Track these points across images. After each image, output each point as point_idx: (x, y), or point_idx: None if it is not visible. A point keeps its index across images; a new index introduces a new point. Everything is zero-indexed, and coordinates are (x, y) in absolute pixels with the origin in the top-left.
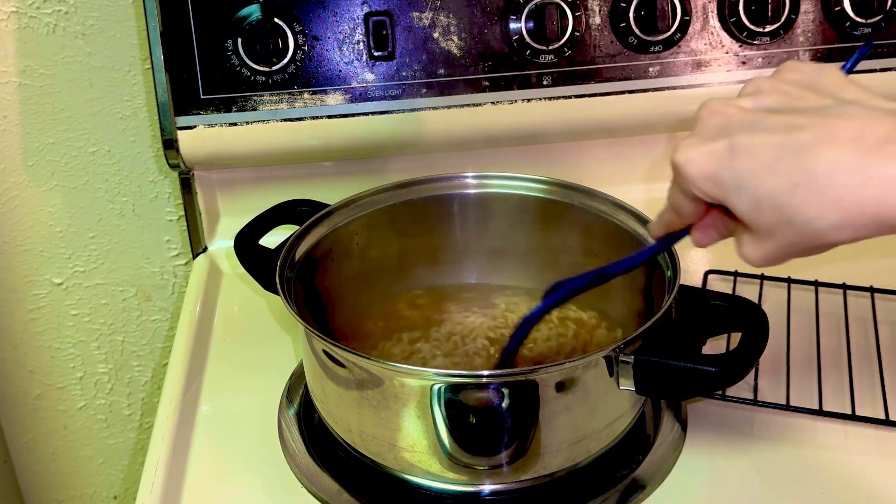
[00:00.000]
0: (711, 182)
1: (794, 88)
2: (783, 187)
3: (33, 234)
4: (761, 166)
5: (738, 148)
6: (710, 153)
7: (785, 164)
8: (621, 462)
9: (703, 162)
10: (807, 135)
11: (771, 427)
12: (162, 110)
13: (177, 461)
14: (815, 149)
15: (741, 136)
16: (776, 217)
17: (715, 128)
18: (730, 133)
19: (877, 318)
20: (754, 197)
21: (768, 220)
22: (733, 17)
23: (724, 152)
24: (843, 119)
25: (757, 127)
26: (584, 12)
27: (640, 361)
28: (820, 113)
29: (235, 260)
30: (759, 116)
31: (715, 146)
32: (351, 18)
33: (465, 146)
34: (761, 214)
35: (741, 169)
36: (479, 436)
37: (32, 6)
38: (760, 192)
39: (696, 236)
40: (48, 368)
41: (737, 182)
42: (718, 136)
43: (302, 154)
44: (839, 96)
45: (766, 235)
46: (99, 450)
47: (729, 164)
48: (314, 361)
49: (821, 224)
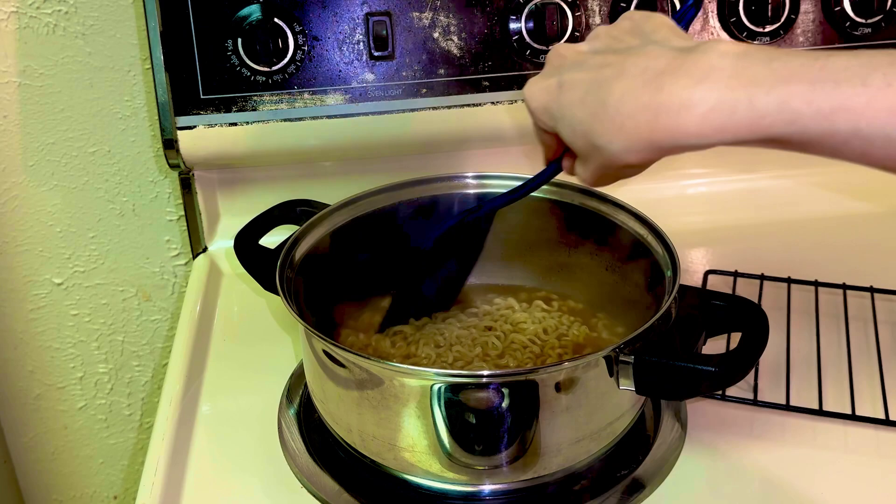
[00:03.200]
0: (546, 114)
1: (621, 33)
2: (588, 117)
3: (33, 234)
4: (576, 98)
5: (563, 84)
6: (545, 88)
7: (591, 97)
8: (621, 462)
9: (540, 95)
10: (609, 71)
11: (771, 427)
12: (162, 110)
13: (177, 461)
14: (611, 82)
15: (568, 74)
16: (585, 143)
17: (553, 67)
18: (562, 71)
19: (877, 318)
20: (570, 124)
21: (581, 145)
22: (733, 17)
23: (555, 87)
24: (637, 56)
25: (581, 66)
26: (584, 12)
27: (640, 361)
28: (625, 52)
29: (235, 260)
30: (585, 57)
31: (549, 82)
32: (351, 18)
33: (465, 146)
34: (577, 140)
35: (564, 101)
36: (479, 436)
37: (32, 6)
38: (574, 120)
39: (564, 164)
40: (48, 368)
41: (560, 113)
42: (553, 73)
43: (302, 154)
44: (649, 37)
45: (586, 159)
46: (99, 450)
47: (557, 98)
48: (314, 361)
49: (612, 148)
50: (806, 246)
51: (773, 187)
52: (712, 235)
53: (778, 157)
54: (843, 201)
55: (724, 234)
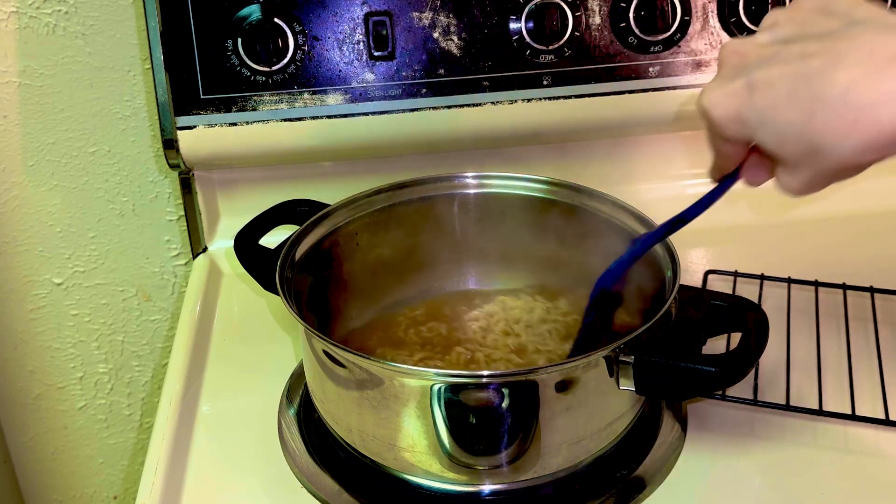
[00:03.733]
0: (737, 122)
1: (808, 15)
2: (802, 116)
3: (33, 234)
4: (780, 98)
5: (756, 84)
6: (731, 93)
7: (801, 93)
8: (621, 462)
9: (725, 103)
10: (818, 61)
11: (771, 427)
12: (162, 110)
13: (177, 461)
14: (827, 74)
15: (758, 72)
16: (801, 147)
17: (734, 67)
18: (748, 70)
19: (877, 318)
20: (777, 130)
21: (794, 150)
22: (733, 17)
23: (743, 90)
24: (852, 40)
25: (772, 60)
26: (584, 12)
27: (640, 361)
28: (831, 37)
29: (235, 260)
30: (774, 49)
31: (735, 85)
32: (351, 18)
33: (465, 146)
34: (787, 146)
35: (762, 104)
36: (479, 436)
37: (32, 6)
38: (782, 124)
39: (746, 177)
40: (48, 368)
41: (760, 118)
42: (738, 74)
43: (302, 154)
44: (850, 17)
45: (797, 165)
46: (99, 450)
47: (750, 102)
48: (314, 361)
49: (843, 148)
50: (806, 246)
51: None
52: (712, 235)
53: None
54: (843, 201)
55: (724, 234)
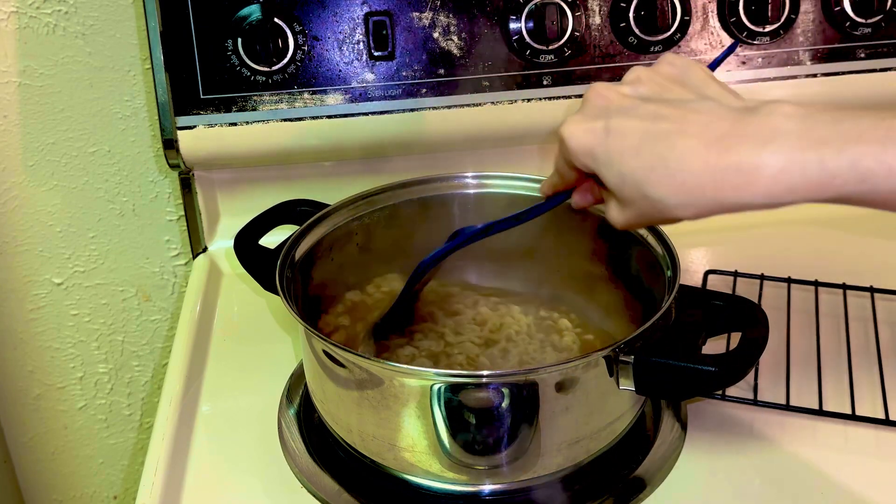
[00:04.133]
0: (588, 156)
1: (666, 81)
2: (643, 168)
3: (33, 234)
4: (628, 148)
5: (612, 129)
6: (589, 130)
7: (646, 149)
8: (621, 462)
9: (582, 137)
10: (667, 125)
11: (771, 427)
12: (162, 110)
13: (177, 461)
14: (670, 138)
15: (616, 119)
16: (635, 191)
17: (597, 108)
18: (608, 115)
19: (877, 318)
20: (620, 173)
21: (629, 192)
22: (733, 17)
23: (600, 131)
24: (697, 113)
25: (630, 113)
26: (584, 12)
27: (640, 361)
28: (682, 106)
29: (235, 260)
30: (633, 103)
31: (594, 125)
32: (351, 18)
33: (465, 146)
34: (624, 188)
35: (612, 148)
36: (479, 436)
37: (32, 6)
38: (625, 169)
39: (575, 198)
40: (48, 368)
41: (608, 158)
42: (598, 116)
43: (302, 154)
44: (701, 91)
45: (627, 204)
46: (99, 450)
47: (603, 142)
48: (314, 361)
49: (668, 202)
50: (806, 246)
51: None
52: (712, 235)
53: None
54: None
55: (724, 234)
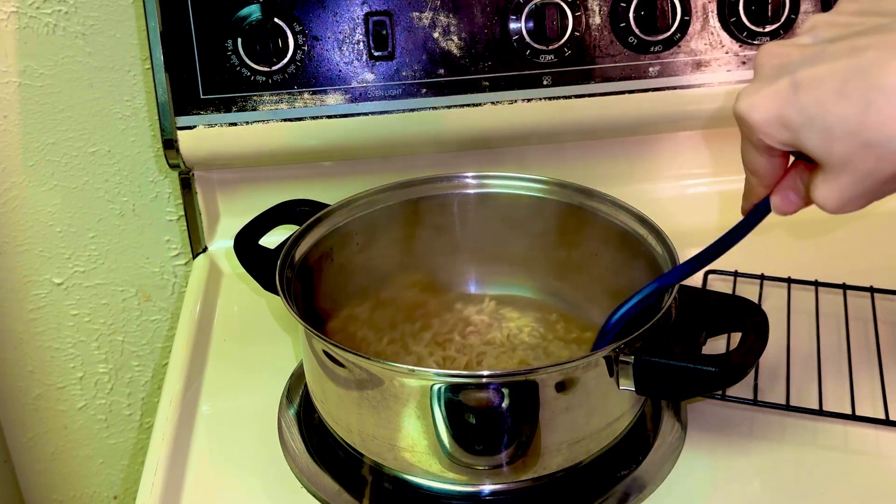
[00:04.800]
0: (778, 124)
1: (851, 17)
2: (855, 109)
3: (33, 234)
4: (828, 94)
5: (801, 82)
6: (772, 93)
7: (854, 86)
8: (621, 462)
9: (766, 104)
10: (871, 53)
11: (771, 427)
12: (162, 110)
13: (177, 461)
14: (883, 65)
15: (803, 71)
16: (851, 143)
17: (774, 68)
18: (791, 70)
19: (877, 318)
20: (825, 126)
21: (842, 149)
22: (733, 17)
23: (787, 90)
24: None
25: (818, 58)
26: (584, 12)
27: (640, 361)
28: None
29: (235, 260)
30: (818, 48)
31: (777, 86)
32: (351, 18)
33: (465, 146)
34: (835, 144)
35: (807, 102)
36: (479, 436)
37: (32, 6)
38: (831, 119)
39: (775, 201)
40: (48, 368)
41: (805, 116)
42: (779, 75)
43: (302, 154)
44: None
45: (842, 168)
46: (99, 450)
47: (794, 100)
48: (314, 361)
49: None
50: (806, 246)
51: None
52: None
53: None
54: None
55: None
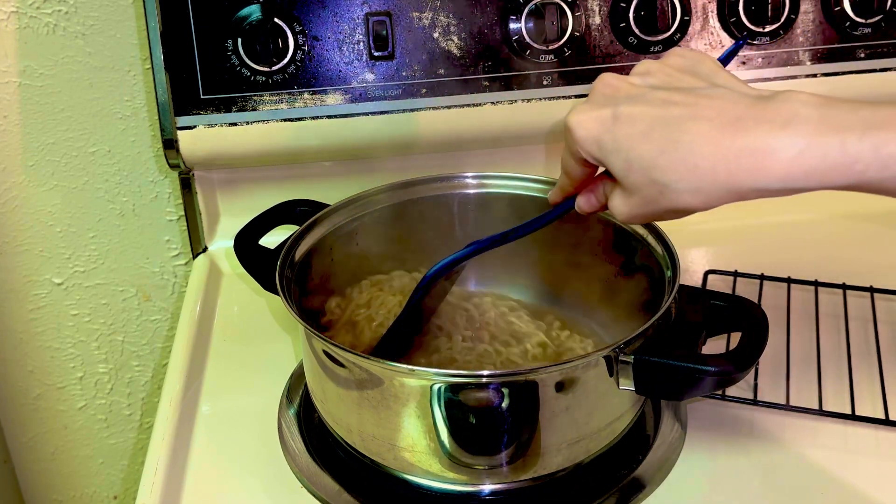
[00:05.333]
0: (595, 144)
1: (676, 71)
2: (652, 152)
3: (33, 234)
4: (637, 133)
5: (620, 116)
6: (597, 118)
7: (657, 133)
8: (621, 462)
9: (590, 125)
10: (678, 110)
11: (771, 427)
12: (162, 110)
13: (177, 461)
14: (683, 122)
15: (625, 107)
16: (643, 177)
17: (605, 97)
18: (616, 103)
19: (877, 318)
20: (628, 158)
21: (636, 179)
22: (733, 17)
23: (608, 119)
24: (710, 99)
25: (639, 100)
26: (584, 12)
27: (640, 361)
28: (693, 93)
29: (235, 260)
30: (643, 91)
31: (602, 112)
32: (351, 18)
33: (465, 146)
34: (631, 174)
35: (620, 134)
36: (479, 436)
37: (32, 6)
38: (633, 154)
39: (580, 202)
40: (48, 368)
41: (615, 145)
42: (606, 104)
43: (302, 154)
44: (712, 80)
45: (633, 192)
46: (99, 450)
47: (611, 129)
48: (314, 361)
49: (678, 186)
50: (806, 246)
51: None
52: (712, 235)
53: None
54: (843, 201)
55: (724, 234)
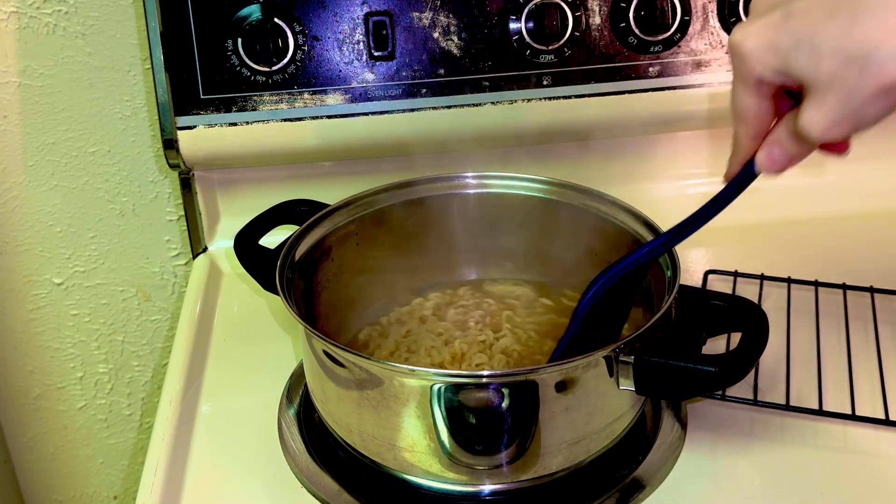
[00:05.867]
0: (770, 50)
1: None
2: (841, 27)
3: (33, 234)
4: (817, 17)
5: (793, 11)
6: (765, 23)
7: (842, 7)
8: (621, 462)
9: (759, 32)
10: None
11: (771, 427)
12: (162, 110)
13: (177, 461)
14: None
15: (796, 3)
16: (837, 59)
17: (768, 5)
18: (784, 4)
19: (877, 318)
20: (813, 46)
21: (828, 66)
22: (733, 17)
23: (779, 19)
24: None
25: None
26: (584, 12)
27: (640, 361)
28: None
29: (235, 260)
30: None
31: (770, 17)
32: (351, 18)
33: (465, 146)
34: (822, 62)
35: (797, 26)
36: (479, 436)
37: (32, 6)
38: (818, 39)
39: (760, 158)
40: (48, 368)
41: (794, 39)
42: (773, 9)
43: (302, 154)
44: None
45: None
46: (99, 450)
47: (786, 27)
48: (314, 361)
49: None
50: (806, 246)
51: (773, 187)
52: (712, 235)
53: None
54: (843, 201)
55: (724, 234)
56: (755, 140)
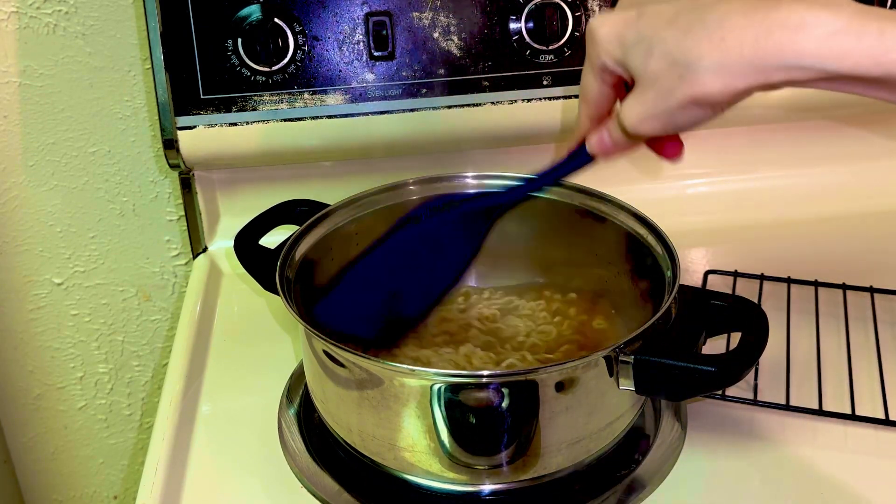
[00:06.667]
0: (615, 42)
1: None
2: (677, 35)
3: (33, 234)
4: (662, 22)
5: (645, 13)
6: (621, 18)
7: (683, 17)
8: (621, 462)
9: (612, 23)
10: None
11: (771, 427)
12: (162, 110)
13: (177, 461)
14: (714, 4)
15: (651, 6)
16: (663, 62)
17: (630, 2)
18: (642, 3)
19: (877, 318)
20: (649, 45)
21: (655, 66)
22: None
23: (633, 17)
24: None
25: None
26: (584, 12)
27: (640, 361)
28: None
29: (235, 260)
30: None
31: (628, 13)
32: (351, 18)
33: (465, 146)
34: (651, 61)
35: (644, 26)
36: (479, 436)
37: (32, 6)
38: (655, 40)
39: (590, 141)
40: (48, 368)
41: (638, 37)
42: (633, 6)
43: (302, 154)
44: None
45: (650, 84)
46: (99, 450)
47: (635, 25)
48: (314, 361)
49: (701, 65)
50: (806, 246)
51: (773, 187)
52: (712, 235)
53: (778, 157)
54: (843, 201)
55: (724, 234)
56: (593, 122)
